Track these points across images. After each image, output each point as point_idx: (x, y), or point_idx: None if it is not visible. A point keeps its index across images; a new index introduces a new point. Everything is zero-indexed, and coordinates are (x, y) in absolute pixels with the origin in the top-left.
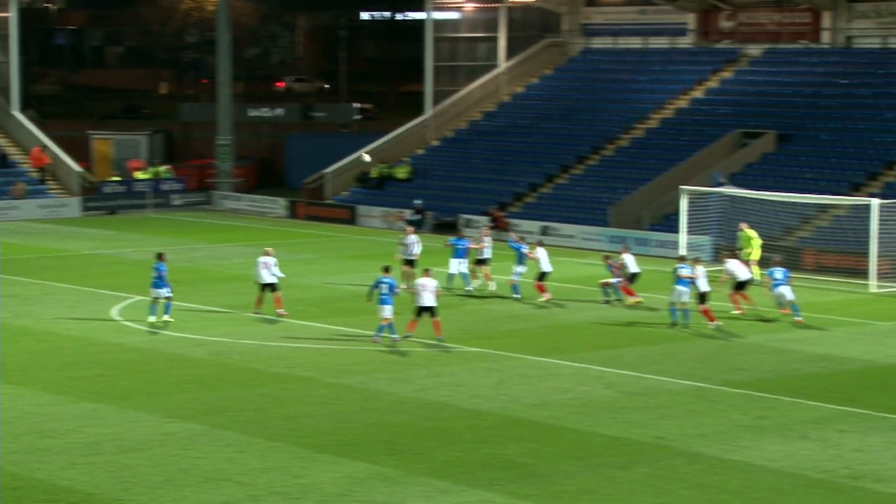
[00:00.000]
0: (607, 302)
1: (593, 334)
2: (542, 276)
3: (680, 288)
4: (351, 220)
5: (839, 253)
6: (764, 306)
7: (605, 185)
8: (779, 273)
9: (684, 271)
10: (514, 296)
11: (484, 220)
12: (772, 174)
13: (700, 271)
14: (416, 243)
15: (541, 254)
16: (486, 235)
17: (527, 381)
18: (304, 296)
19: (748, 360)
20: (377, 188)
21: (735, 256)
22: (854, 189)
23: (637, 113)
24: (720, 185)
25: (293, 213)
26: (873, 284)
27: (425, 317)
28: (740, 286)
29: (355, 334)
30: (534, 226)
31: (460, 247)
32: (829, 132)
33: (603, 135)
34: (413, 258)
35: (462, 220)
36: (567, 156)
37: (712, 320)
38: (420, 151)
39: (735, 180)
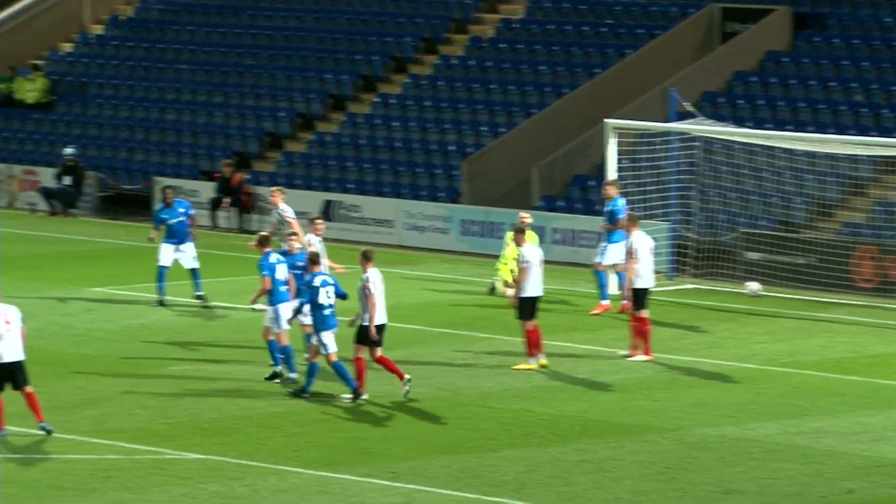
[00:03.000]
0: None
1: (439, 414)
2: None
3: None
4: None
5: None
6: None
7: (449, 117)
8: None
9: None
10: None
11: (206, 188)
12: (784, 95)
13: None
14: None
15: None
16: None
17: None
18: None
19: (749, 471)
20: None
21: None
22: None
23: None
24: (685, 117)
25: None
26: None
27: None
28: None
29: None
30: (308, 201)
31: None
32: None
33: (441, 17)
34: None
35: (159, 190)
36: (371, 58)
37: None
38: (67, 47)
39: (709, 108)
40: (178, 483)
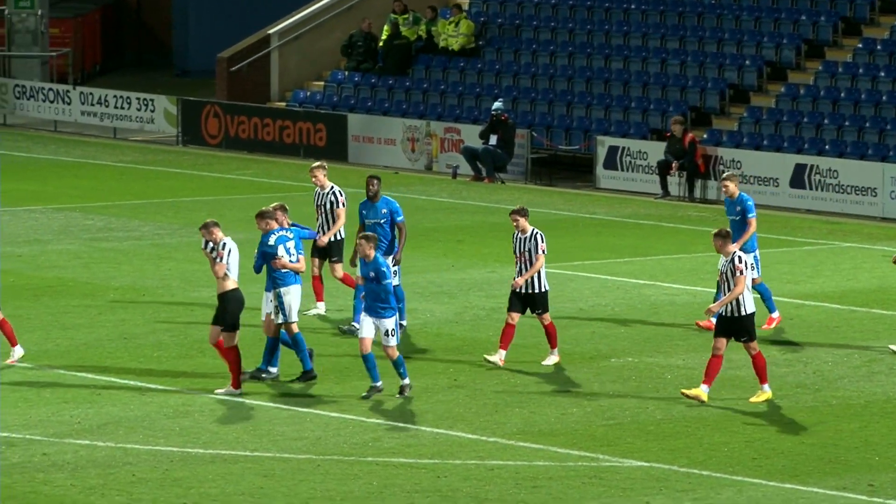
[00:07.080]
0: None
1: None
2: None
3: None
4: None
5: None
6: None
7: None
8: None
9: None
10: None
11: (656, 149)
12: None
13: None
14: None
15: None
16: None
17: None
18: None
19: None
20: (393, 71)
21: None
22: None
23: None
24: None
25: (192, 129)
26: None
27: None
28: None
29: None
30: (776, 164)
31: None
32: None
33: None
34: None
35: (602, 151)
36: None
37: None
38: None
39: None
40: (618, 495)
